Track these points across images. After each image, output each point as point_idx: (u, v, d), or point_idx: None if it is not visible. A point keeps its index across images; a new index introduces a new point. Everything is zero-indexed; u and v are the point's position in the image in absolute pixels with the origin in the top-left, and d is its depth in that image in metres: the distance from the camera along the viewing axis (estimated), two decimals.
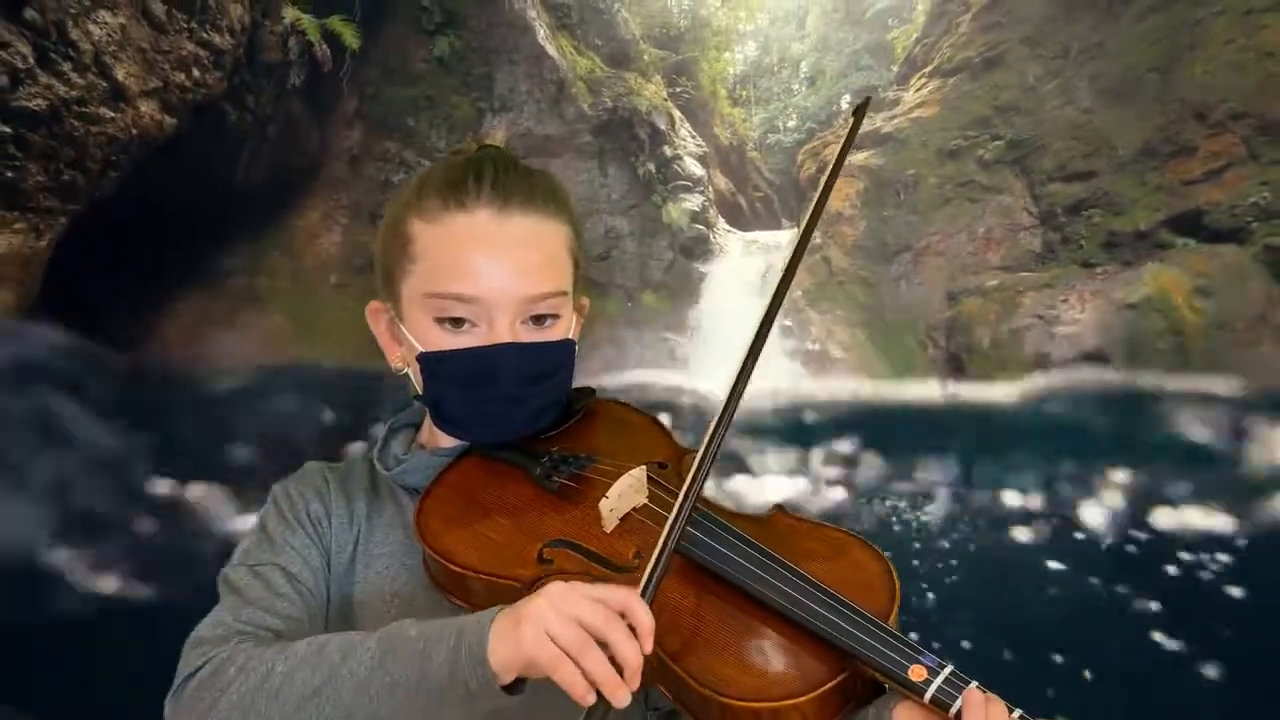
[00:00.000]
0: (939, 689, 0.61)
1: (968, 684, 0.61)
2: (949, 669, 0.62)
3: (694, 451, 0.85)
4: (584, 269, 0.92)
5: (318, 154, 11.98)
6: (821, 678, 0.64)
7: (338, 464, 0.95)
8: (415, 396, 0.92)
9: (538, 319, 0.85)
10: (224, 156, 9.71)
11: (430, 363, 0.84)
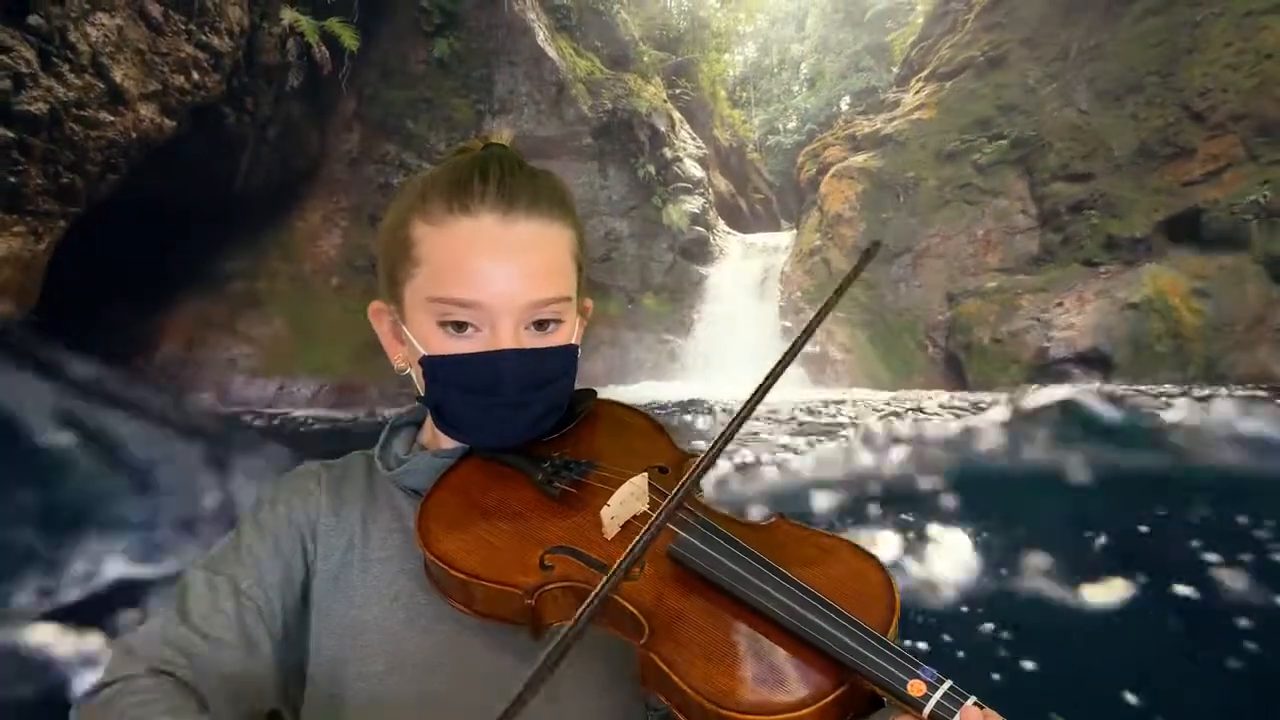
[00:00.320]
0: (937, 704, 0.60)
1: (966, 700, 0.60)
2: (948, 684, 0.61)
3: (695, 455, 0.85)
4: (587, 271, 0.92)
5: (317, 156, 11.96)
6: (820, 691, 0.63)
7: (335, 463, 0.95)
8: (417, 398, 0.91)
9: (541, 324, 0.85)
10: (223, 159, 9.69)
11: (433, 366, 0.84)
